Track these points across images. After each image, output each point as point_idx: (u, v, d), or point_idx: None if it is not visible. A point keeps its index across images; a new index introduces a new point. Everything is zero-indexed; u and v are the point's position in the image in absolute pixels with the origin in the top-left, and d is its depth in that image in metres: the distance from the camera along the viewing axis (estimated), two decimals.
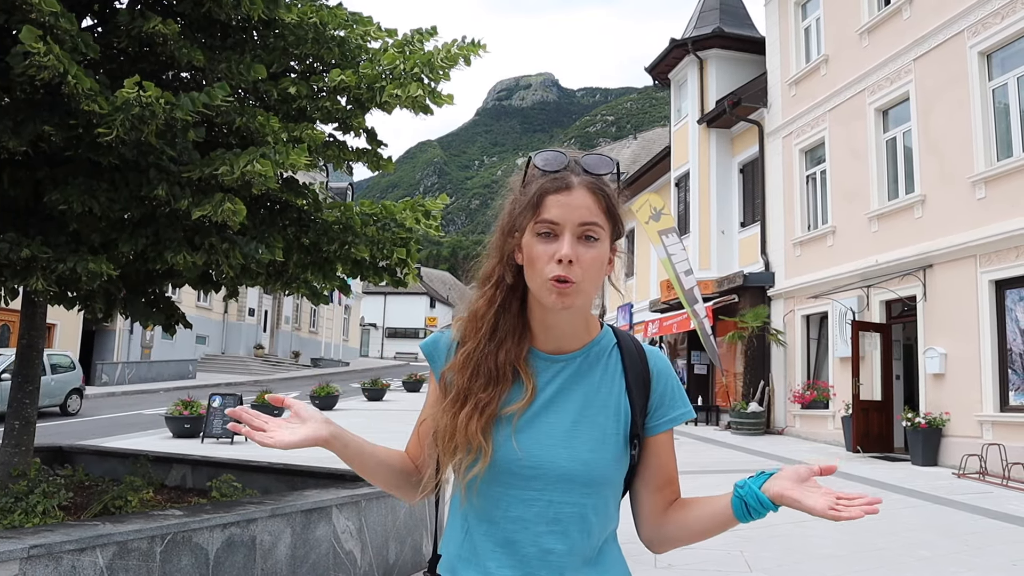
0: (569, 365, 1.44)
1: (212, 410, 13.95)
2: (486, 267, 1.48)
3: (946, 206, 12.53)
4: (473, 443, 1.37)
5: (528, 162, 1.43)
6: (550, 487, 1.37)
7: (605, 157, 1.42)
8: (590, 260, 1.35)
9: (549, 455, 1.37)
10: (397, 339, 71.69)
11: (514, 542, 1.38)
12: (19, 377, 5.92)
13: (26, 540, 3.18)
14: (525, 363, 1.42)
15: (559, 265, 1.33)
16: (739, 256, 19.28)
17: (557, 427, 1.39)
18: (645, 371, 1.47)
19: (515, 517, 1.38)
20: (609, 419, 1.41)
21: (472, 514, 1.43)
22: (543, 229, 1.35)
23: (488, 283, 1.46)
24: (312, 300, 6.66)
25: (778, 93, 17.79)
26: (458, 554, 1.44)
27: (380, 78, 5.59)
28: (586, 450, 1.38)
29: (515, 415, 1.39)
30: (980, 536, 7.16)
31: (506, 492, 1.38)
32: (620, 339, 1.50)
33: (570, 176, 1.37)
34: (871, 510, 1.20)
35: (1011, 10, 11.42)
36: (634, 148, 61.07)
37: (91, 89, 4.12)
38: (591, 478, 1.38)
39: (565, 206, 1.35)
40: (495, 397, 1.39)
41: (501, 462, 1.37)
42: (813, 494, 1.25)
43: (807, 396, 15.75)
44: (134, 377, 30.77)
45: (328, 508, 4.77)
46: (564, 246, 1.33)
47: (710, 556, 6.15)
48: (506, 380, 1.41)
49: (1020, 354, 11.11)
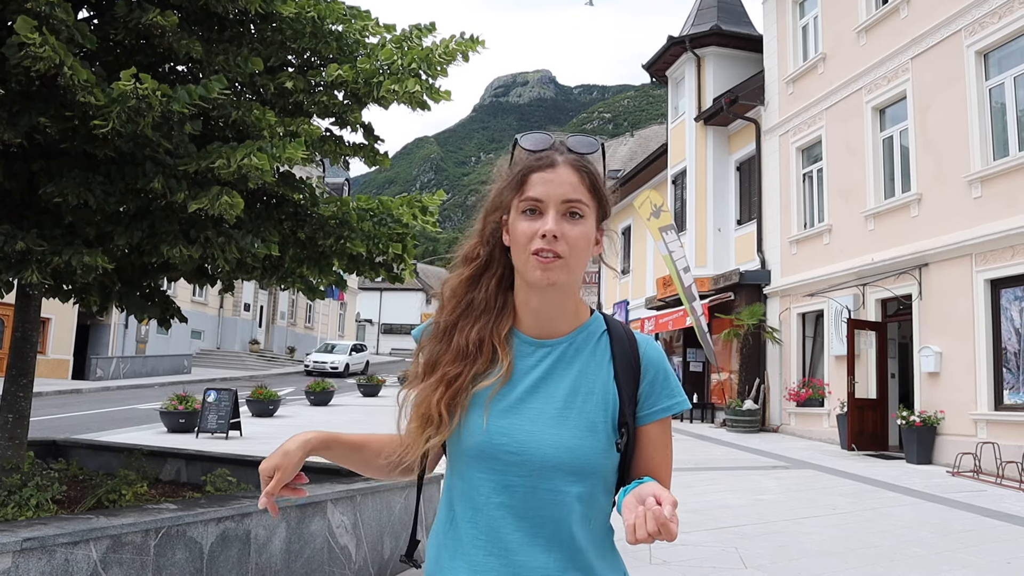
0: (555, 350, 1.42)
1: (207, 405, 13.91)
2: (467, 246, 1.49)
3: (942, 205, 12.54)
4: (433, 414, 1.38)
5: (515, 145, 1.44)
6: (535, 474, 1.34)
7: (590, 138, 1.44)
8: (575, 236, 1.35)
9: (533, 441, 1.35)
10: (392, 335, 71.61)
11: (497, 529, 1.36)
12: (13, 370, 5.89)
13: (19, 533, 3.16)
14: (505, 342, 1.41)
15: (542, 240, 1.33)
16: (735, 254, 19.29)
17: (542, 413, 1.37)
18: (635, 358, 1.45)
19: (498, 503, 1.36)
20: (597, 407, 1.39)
21: (457, 501, 1.41)
22: (527, 206, 1.36)
23: (467, 262, 1.48)
24: (308, 295, 6.65)
25: (775, 91, 17.79)
26: (443, 543, 1.42)
27: (377, 73, 5.57)
28: (572, 437, 1.35)
29: (490, 393, 1.37)
30: (974, 534, 7.18)
31: (489, 478, 1.36)
32: (610, 325, 1.48)
33: (554, 155, 1.40)
34: (655, 535, 1.13)
35: (1008, 10, 11.43)
36: (631, 145, 60.97)
37: (87, 81, 4.10)
38: (577, 466, 1.35)
39: (549, 183, 1.36)
40: (464, 371, 1.39)
41: (478, 444, 1.36)
42: (632, 513, 1.18)
43: (802, 394, 15.78)
44: (129, 372, 30.71)
45: (323, 503, 4.76)
46: (548, 221, 1.34)
47: (705, 552, 6.16)
48: (478, 356, 1.40)
49: (1015, 353, 11.14)
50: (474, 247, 1.47)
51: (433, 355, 1.44)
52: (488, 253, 1.46)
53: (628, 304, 24.51)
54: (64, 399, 22.01)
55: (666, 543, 6.16)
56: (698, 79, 20.36)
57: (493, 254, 1.45)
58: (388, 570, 5.27)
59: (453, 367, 1.40)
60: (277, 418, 17.55)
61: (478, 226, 1.48)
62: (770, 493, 9.25)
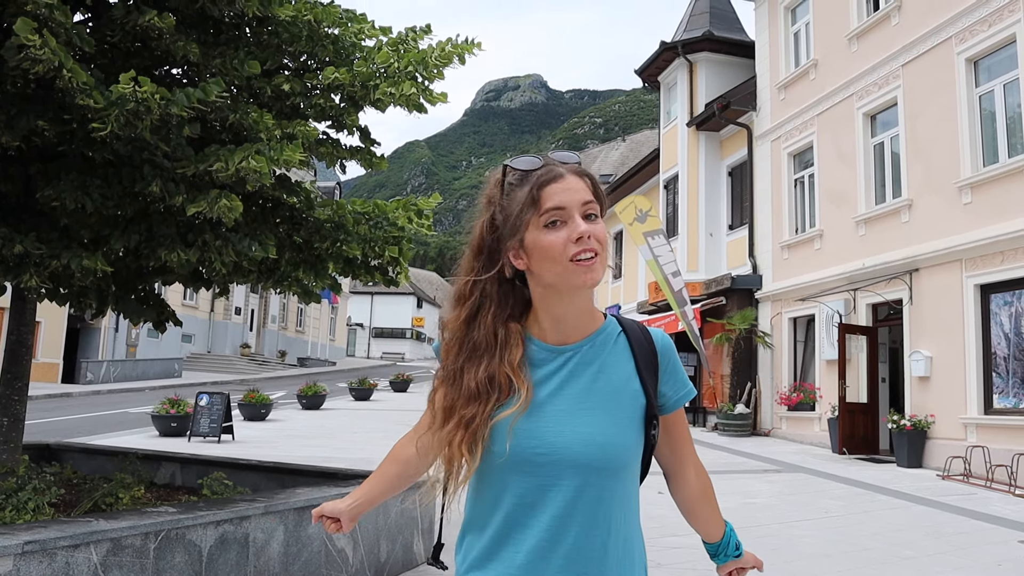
0: (576, 353, 1.45)
1: (199, 409, 13.86)
2: (459, 285, 1.49)
3: (932, 211, 12.64)
4: (456, 460, 1.40)
5: (504, 172, 1.46)
6: (566, 471, 1.37)
7: (569, 152, 1.48)
8: (600, 232, 1.40)
9: (563, 441, 1.38)
10: (384, 339, 71.55)
11: (529, 527, 1.38)
12: (7, 373, 5.88)
13: (20, 536, 3.16)
14: (519, 371, 1.42)
15: (578, 243, 1.36)
16: (727, 258, 19.36)
17: (568, 413, 1.40)
18: (653, 352, 1.51)
19: (531, 504, 1.38)
20: (623, 404, 1.43)
21: (489, 509, 1.43)
22: (551, 219, 1.38)
23: (462, 302, 1.48)
24: (303, 299, 6.64)
25: (767, 97, 17.89)
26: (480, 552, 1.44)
27: (374, 76, 5.58)
28: (599, 434, 1.39)
29: (511, 422, 1.38)
30: (964, 536, 7.23)
31: (522, 481, 1.39)
32: (625, 325, 1.53)
33: (556, 167, 1.42)
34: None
35: (997, 18, 11.54)
36: (623, 150, 61.13)
37: (86, 83, 4.10)
38: (607, 462, 1.39)
39: (566, 191, 1.39)
40: (478, 412, 1.40)
41: (502, 456, 1.38)
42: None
43: (793, 398, 15.84)
44: (119, 375, 30.55)
45: (320, 506, 4.76)
46: (580, 224, 1.38)
47: (699, 555, 6.17)
48: (491, 393, 1.41)
49: (1004, 358, 11.23)
50: (465, 286, 1.48)
51: (447, 400, 1.45)
52: (480, 291, 1.46)
53: (620, 308, 24.54)
54: (55, 403, 21.88)
55: (664, 543, 6.18)
56: (690, 84, 20.45)
57: (486, 290, 1.46)
58: (385, 572, 5.28)
59: (468, 410, 1.41)
60: (269, 422, 17.49)
61: (466, 263, 1.49)
62: (762, 496, 9.28)
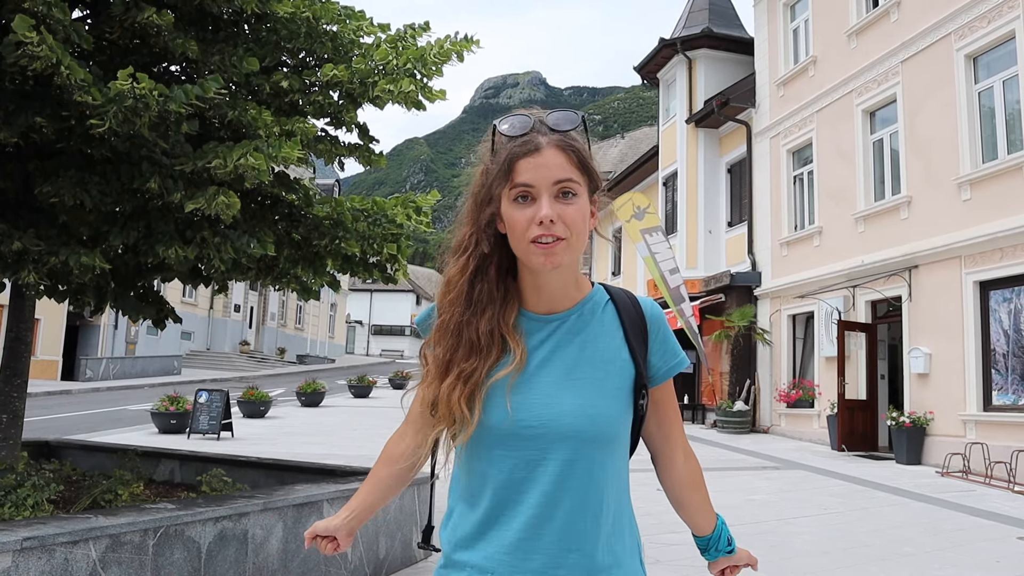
0: (563, 323, 1.43)
1: (198, 406, 13.86)
2: (459, 236, 1.47)
3: (932, 207, 12.64)
4: (456, 413, 1.37)
5: (494, 129, 1.42)
6: (556, 444, 1.36)
7: (569, 112, 1.42)
8: (572, 215, 1.35)
9: (551, 412, 1.36)
10: (383, 336, 71.57)
11: (519, 503, 1.36)
12: (7, 370, 5.88)
13: (19, 532, 3.16)
14: (513, 329, 1.41)
15: (540, 227, 1.33)
16: (726, 255, 19.36)
17: (556, 385, 1.38)
18: (642, 321, 1.48)
19: (523, 479, 1.37)
20: (611, 373, 1.41)
21: (478, 485, 1.41)
22: (519, 194, 1.35)
23: (461, 252, 1.45)
24: (302, 295, 6.63)
25: (766, 94, 17.88)
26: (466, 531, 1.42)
27: (373, 73, 5.58)
28: (589, 405, 1.37)
29: (508, 379, 1.37)
30: (963, 533, 7.25)
31: (512, 454, 1.37)
32: (613, 294, 1.51)
33: (537, 137, 1.37)
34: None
35: (997, 14, 11.54)
36: (622, 147, 61.14)
37: (84, 80, 4.09)
38: (597, 433, 1.37)
39: (537, 168, 1.35)
40: (479, 366, 1.38)
41: (499, 426, 1.36)
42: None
43: (792, 395, 15.86)
44: (118, 373, 30.57)
45: (319, 502, 4.77)
46: (543, 207, 1.33)
47: (696, 551, 6.18)
48: (491, 348, 1.39)
49: (1003, 354, 11.23)
50: (467, 236, 1.45)
51: (446, 353, 1.42)
52: (488, 243, 1.43)
53: None
54: (54, 400, 21.90)
55: (663, 540, 6.19)
56: (689, 81, 20.43)
57: (489, 241, 1.43)
58: (384, 569, 5.28)
59: (468, 363, 1.39)
60: (268, 419, 17.50)
61: (467, 213, 1.46)
62: (761, 493, 9.29)
